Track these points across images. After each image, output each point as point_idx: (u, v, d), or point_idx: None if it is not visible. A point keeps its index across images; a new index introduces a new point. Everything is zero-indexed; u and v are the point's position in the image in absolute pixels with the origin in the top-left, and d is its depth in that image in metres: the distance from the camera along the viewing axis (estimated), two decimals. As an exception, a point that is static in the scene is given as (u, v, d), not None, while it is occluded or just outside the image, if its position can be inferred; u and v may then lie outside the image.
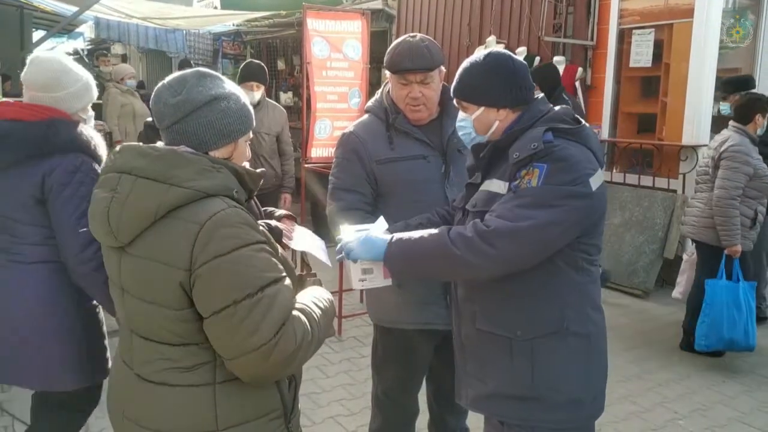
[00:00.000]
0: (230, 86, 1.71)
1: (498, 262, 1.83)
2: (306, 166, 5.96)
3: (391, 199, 2.48)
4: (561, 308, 1.91)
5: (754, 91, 5.11)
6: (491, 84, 1.95)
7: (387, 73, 2.48)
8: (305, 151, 5.97)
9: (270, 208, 2.12)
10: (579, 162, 1.82)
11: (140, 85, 9.91)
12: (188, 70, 1.70)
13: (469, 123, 2.00)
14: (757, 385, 4.25)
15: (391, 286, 2.46)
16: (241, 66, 5.22)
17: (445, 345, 2.58)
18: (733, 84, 5.29)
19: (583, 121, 1.97)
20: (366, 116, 2.59)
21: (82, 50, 17.77)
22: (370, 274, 2.05)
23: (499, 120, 1.97)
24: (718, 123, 6.37)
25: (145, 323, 1.61)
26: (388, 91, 2.53)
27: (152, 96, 1.68)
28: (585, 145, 1.89)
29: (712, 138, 6.18)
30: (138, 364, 1.66)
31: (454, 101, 2.06)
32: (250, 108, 1.73)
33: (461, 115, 2.03)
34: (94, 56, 14.42)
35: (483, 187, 1.99)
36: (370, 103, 2.63)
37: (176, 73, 1.69)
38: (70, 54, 17.75)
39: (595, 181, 1.84)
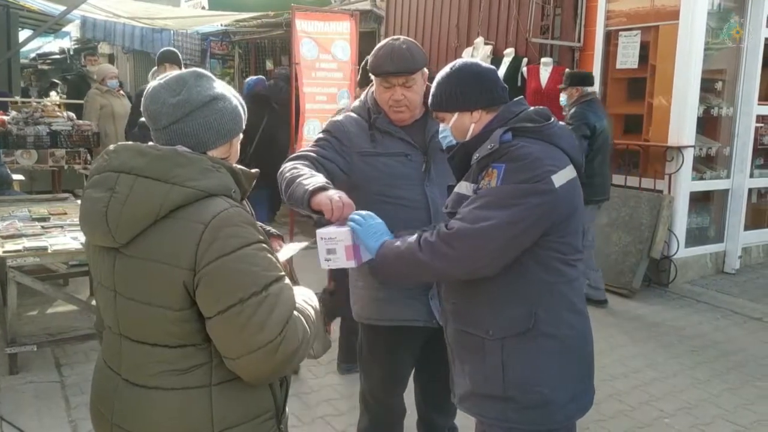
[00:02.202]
0: (221, 86, 1.71)
1: (459, 264, 1.85)
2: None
3: (370, 193, 2.45)
4: (530, 308, 1.90)
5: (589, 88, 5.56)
6: (460, 89, 2.00)
7: (371, 75, 2.51)
8: (294, 151, 5.97)
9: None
10: (538, 159, 1.83)
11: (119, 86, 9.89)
12: (185, 71, 1.69)
13: (449, 131, 2.06)
14: (742, 384, 4.29)
15: (374, 284, 2.50)
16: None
17: (431, 343, 2.59)
18: (570, 78, 5.64)
19: (554, 119, 1.98)
20: (351, 114, 2.61)
21: (68, 50, 17.61)
22: (334, 255, 2.06)
23: (474, 122, 2.01)
24: (703, 124, 6.46)
25: (139, 326, 1.59)
26: (372, 92, 2.55)
27: (146, 96, 1.66)
28: (551, 142, 1.91)
29: (697, 139, 6.28)
30: (127, 369, 1.63)
31: (433, 115, 2.12)
32: (241, 108, 1.73)
33: (441, 125, 2.08)
34: (81, 56, 14.34)
35: (456, 189, 2.03)
36: (355, 103, 2.66)
37: (173, 73, 1.68)
38: (56, 54, 17.65)
39: (560, 178, 1.84)
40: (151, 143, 1.64)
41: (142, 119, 3.40)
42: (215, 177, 1.57)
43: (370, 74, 2.51)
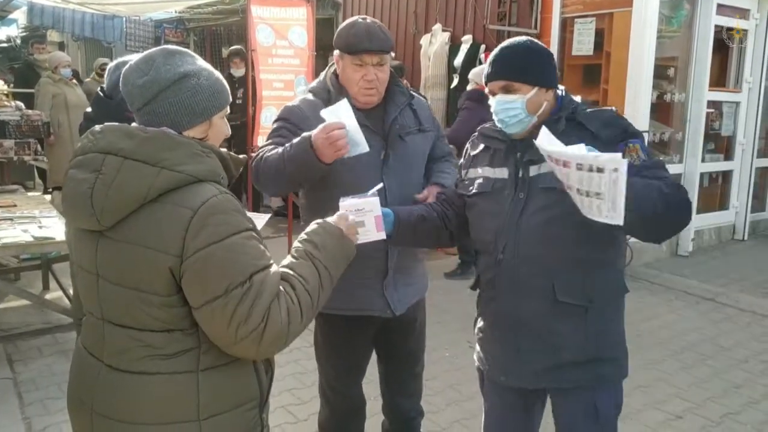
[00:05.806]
0: (201, 62, 1.65)
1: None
2: (252, 154, 5.88)
3: (325, 178, 2.33)
4: (618, 272, 2.10)
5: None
6: (542, 65, 2.02)
7: (336, 53, 2.42)
8: (251, 139, 5.91)
9: None
10: None
11: (74, 75, 9.62)
12: (155, 48, 1.65)
13: (520, 104, 1.98)
14: (694, 363, 4.42)
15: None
16: None
17: (387, 330, 2.59)
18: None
19: None
20: (309, 96, 2.51)
21: (15, 38, 17.05)
22: (363, 227, 1.90)
23: (547, 101, 2.02)
24: (657, 109, 6.59)
25: (123, 310, 1.54)
26: (333, 73, 2.47)
27: (120, 78, 1.61)
28: None
29: (651, 124, 6.40)
30: (110, 355, 1.58)
31: (499, 84, 2.01)
32: (224, 83, 1.68)
33: (509, 97, 1.99)
34: (29, 44, 13.90)
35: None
36: (313, 84, 2.57)
37: (144, 53, 1.63)
38: (2, 42, 17.09)
39: None
40: (134, 124, 1.60)
41: (88, 109, 3.28)
42: (205, 162, 1.53)
43: (337, 53, 2.41)
